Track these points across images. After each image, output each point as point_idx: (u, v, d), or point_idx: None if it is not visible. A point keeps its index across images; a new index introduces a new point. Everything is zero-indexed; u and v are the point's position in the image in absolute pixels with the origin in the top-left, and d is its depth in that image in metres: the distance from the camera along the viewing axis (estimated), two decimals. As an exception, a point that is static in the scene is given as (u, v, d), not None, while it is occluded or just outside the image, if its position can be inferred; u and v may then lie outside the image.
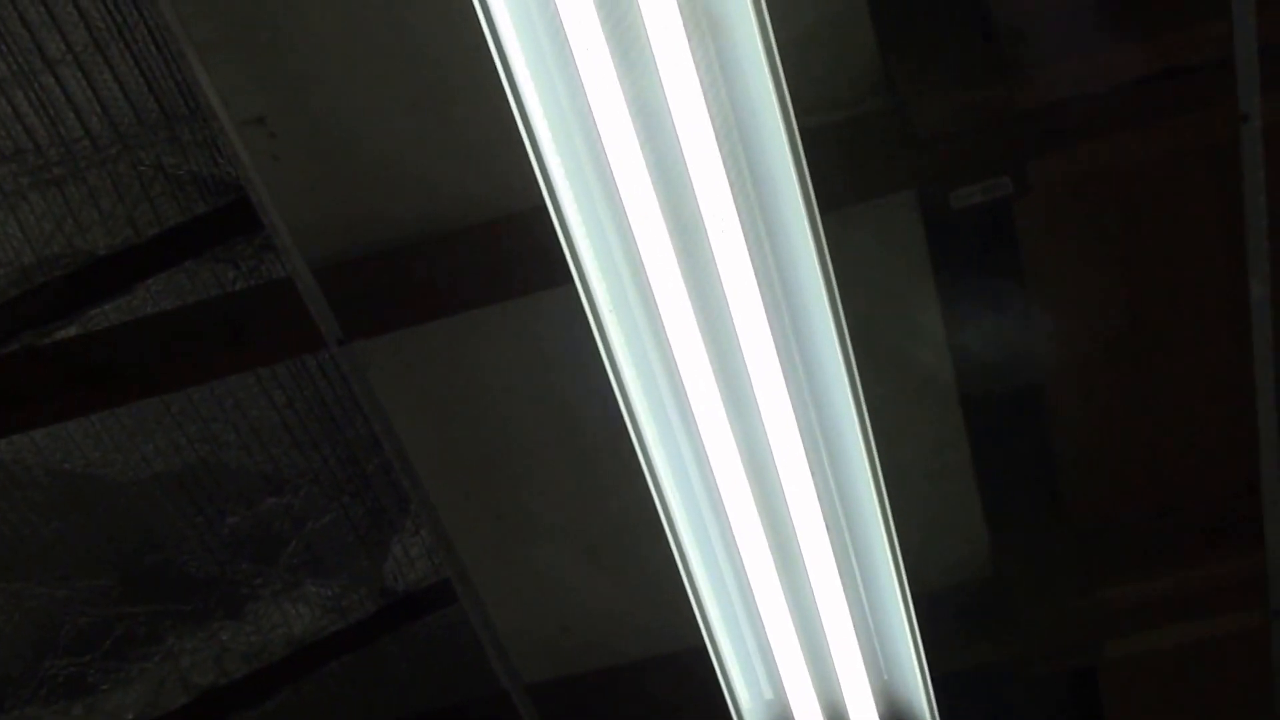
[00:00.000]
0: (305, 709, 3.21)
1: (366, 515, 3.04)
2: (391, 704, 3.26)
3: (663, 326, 1.76)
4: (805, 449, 1.87)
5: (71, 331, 2.62)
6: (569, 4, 1.54)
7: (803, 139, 1.60)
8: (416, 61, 2.33)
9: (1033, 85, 2.30)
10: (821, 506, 1.94)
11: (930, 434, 2.83)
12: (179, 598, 3.01)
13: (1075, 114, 2.31)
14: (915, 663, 2.09)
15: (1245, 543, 2.88)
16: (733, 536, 1.98)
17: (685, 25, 1.56)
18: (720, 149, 1.64)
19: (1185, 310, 2.74)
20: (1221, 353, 2.76)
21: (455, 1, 1.55)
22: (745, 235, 1.69)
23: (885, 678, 2.17)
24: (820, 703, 2.19)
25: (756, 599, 2.05)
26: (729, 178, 1.65)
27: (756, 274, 1.72)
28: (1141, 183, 2.55)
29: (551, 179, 1.64)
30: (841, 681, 2.16)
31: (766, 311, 1.74)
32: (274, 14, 2.29)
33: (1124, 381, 2.80)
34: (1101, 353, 2.73)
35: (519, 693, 2.81)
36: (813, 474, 1.90)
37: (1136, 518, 3.03)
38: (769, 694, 2.18)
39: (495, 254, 2.45)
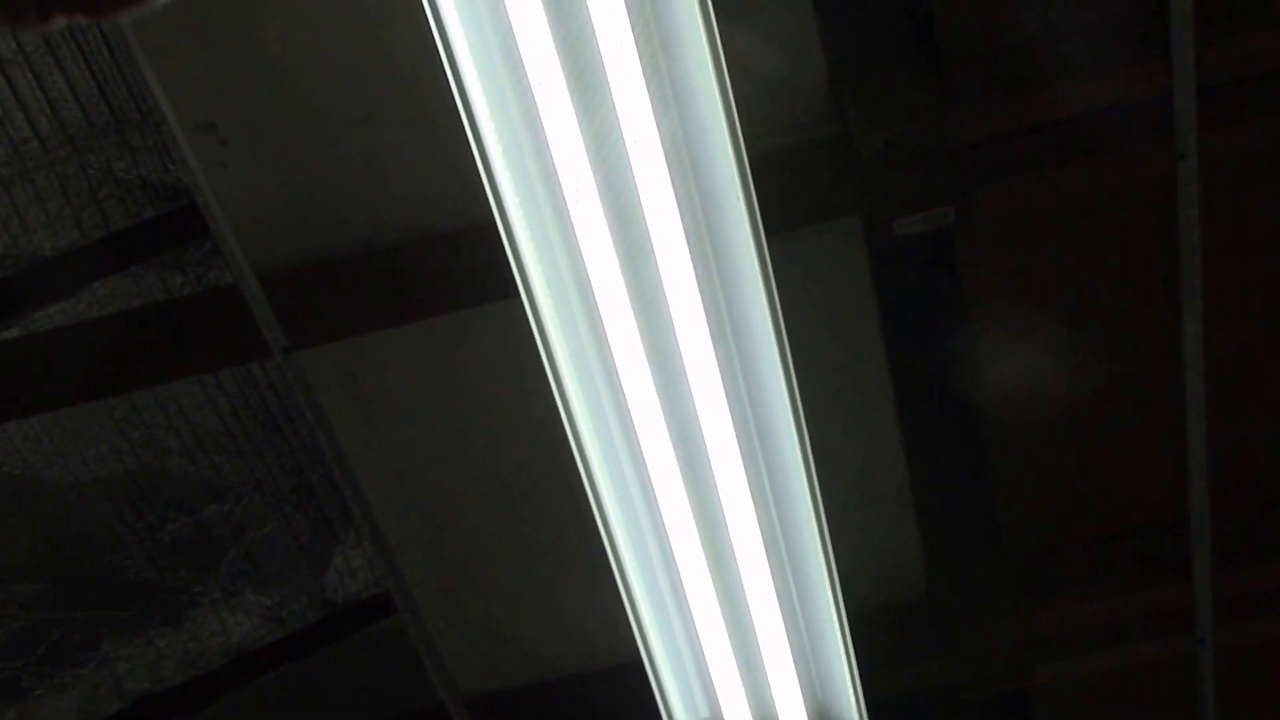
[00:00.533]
0: (242, 718, 3.18)
1: (309, 525, 3.03)
2: (329, 715, 3.24)
3: (608, 344, 1.78)
4: (745, 469, 1.89)
5: (14, 333, 2.60)
6: (524, 26, 1.56)
7: (751, 163, 1.63)
8: (371, 71, 2.34)
9: (977, 118, 2.34)
10: (760, 526, 1.96)
11: (869, 457, 2.86)
12: (116, 604, 2.98)
13: (1017, 147, 2.35)
14: (849, 683, 2.12)
15: (1174, 572, 2.93)
16: (672, 554, 1.99)
17: (638, 48, 1.58)
18: (669, 170, 1.66)
19: (1120, 342, 2.79)
20: (1155, 385, 2.80)
21: (412, 11, 1.55)
22: (692, 256, 1.71)
23: (819, 697, 2.19)
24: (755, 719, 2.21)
25: (694, 616, 2.07)
26: (677, 198, 1.67)
27: (702, 295, 1.74)
28: (1079, 216, 2.60)
29: (501, 194, 1.66)
30: (776, 700, 2.18)
31: (710, 332, 1.76)
32: (228, 20, 2.29)
33: (1060, 411, 2.84)
34: (1038, 382, 2.77)
35: (456, 705, 2.80)
36: (752, 494, 1.92)
37: (1070, 545, 3.07)
38: (705, 711, 2.19)
39: (443, 266, 2.45)
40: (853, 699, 2.13)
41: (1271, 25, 2.36)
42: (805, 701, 2.18)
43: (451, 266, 2.44)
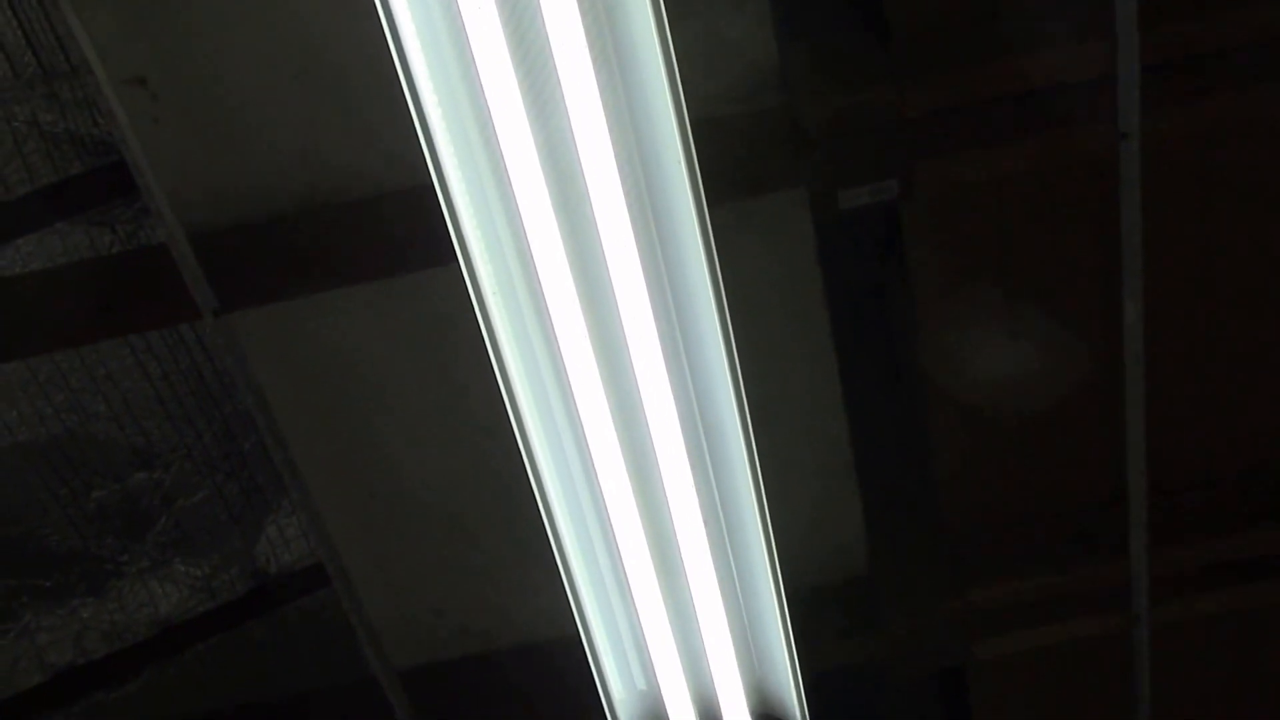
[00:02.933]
0: (168, 692, 3.14)
1: (241, 494, 2.98)
2: (259, 688, 3.20)
3: (547, 312, 1.74)
4: (686, 442, 1.87)
5: (-66, 291, 2.53)
6: (463, -21, 1.52)
7: (695, 131, 1.60)
8: (304, 30, 2.29)
9: (924, 92, 2.33)
10: (700, 501, 1.94)
11: (812, 432, 2.86)
12: (38, 572, 2.92)
13: (963, 122, 2.34)
14: (788, 659, 2.11)
15: (1110, 549, 2.95)
16: (610, 527, 1.97)
17: (581, 12, 1.54)
18: (611, 136, 1.62)
19: (1060, 321, 2.80)
20: (1094, 365, 2.82)
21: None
22: (633, 224, 1.68)
23: (758, 672, 2.18)
24: (692, 695, 2.19)
25: (632, 590, 2.05)
26: (618, 164, 1.64)
27: (643, 264, 1.70)
28: (1024, 193, 2.60)
29: (439, 157, 1.61)
30: (714, 675, 2.17)
31: (651, 303, 1.73)
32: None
33: (999, 389, 2.85)
34: (978, 359, 2.77)
35: (390, 678, 2.77)
36: (692, 468, 1.90)
37: (1007, 523, 3.09)
38: (641, 684, 2.18)
39: (379, 230, 2.41)
40: (791, 674, 2.12)
41: (1217, 5, 2.37)
42: (743, 676, 2.17)
43: (385, 230, 2.40)
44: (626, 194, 1.65)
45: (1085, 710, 3.45)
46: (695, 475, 1.91)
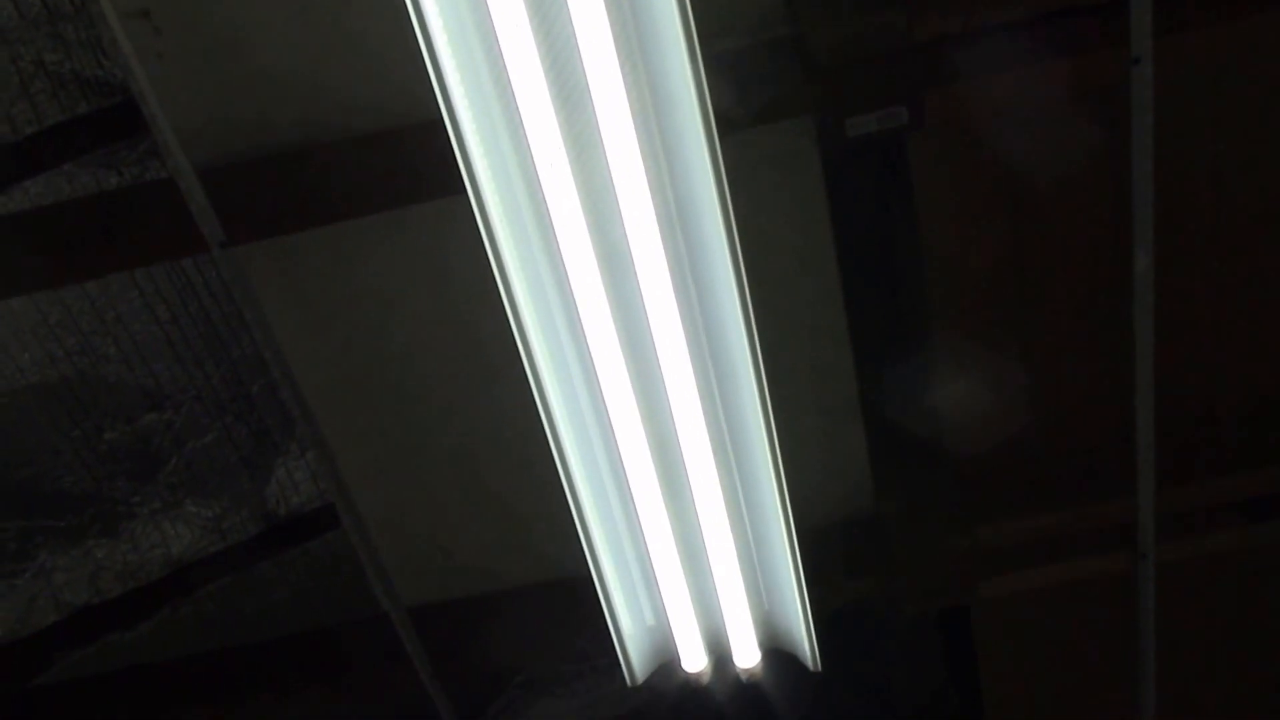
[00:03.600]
0: (181, 630, 3.16)
1: (250, 436, 2.99)
2: (270, 627, 3.23)
3: (556, 243, 1.74)
4: (696, 376, 1.87)
5: (-57, 232, 2.52)
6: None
7: (705, 61, 1.59)
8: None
9: (931, 18, 2.30)
10: (710, 436, 1.95)
11: (820, 367, 2.86)
12: (52, 513, 2.94)
13: (971, 48, 2.32)
14: (796, 594, 2.12)
15: (1117, 488, 2.95)
16: (620, 463, 1.98)
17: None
18: (622, 66, 1.62)
19: (1069, 256, 2.79)
20: (1102, 300, 2.81)
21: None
22: (643, 154, 1.67)
23: (766, 607, 2.19)
24: (701, 630, 2.21)
25: (642, 526, 2.06)
26: (629, 95, 1.63)
27: (653, 194, 1.70)
28: (1032, 120, 2.58)
29: (448, 88, 1.61)
30: (724, 610, 2.18)
31: (661, 233, 1.73)
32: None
33: (1006, 323, 2.84)
34: (986, 294, 2.76)
35: (399, 616, 2.79)
36: (702, 402, 1.90)
37: (1014, 459, 3.09)
38: (651, 620, 2.19)
39: (386, 162, 2.40)
40: (800, 610, 2.13)
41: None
42: (752, 612, 2.19)
43: (393, 162, 2.39)
44: (636, 123, 1.64)
45: (1090, 649, 3.47)
46: (705, 410, 1.91)
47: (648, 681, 2.23)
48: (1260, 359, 3.01)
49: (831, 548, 3.09)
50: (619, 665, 2.19)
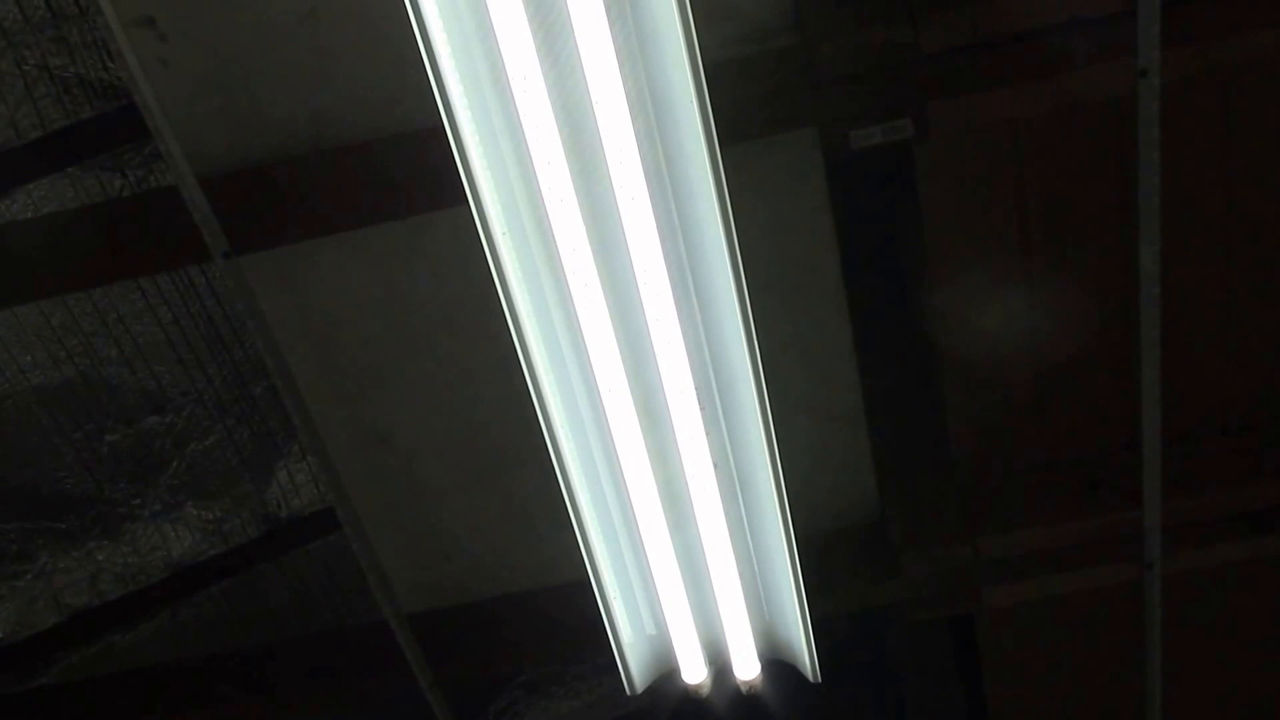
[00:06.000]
0: (181, 632, 3.16)
1: (251, 439, 2.99)
2: (270, 630, 3.23)
3: (557, 254, 1.73)
4: (696, 386, 1.86)
5: (-53, 235, 2.53)
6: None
7: (709, 72, 1.58)
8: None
9: (937, 30, 2.29)
10: (710, 445, 1.94)
11: (823, 377, 2.85)
12: (53, 515, 2.94)
13: (977, 60, 2.31)
14: (796, 604, 2.11)
15: (1122, 498, 2.95)
16: (620, 471, 1.97)
17: (594, -49, 1.53)
18: (623, 76, 1.61)
19: (1076, 266, 2.78)
20: (1109, 312, 2.80)
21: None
22: (644, 165, 1.66)
23: (767, 616, 2.18)
24: (701, 639, 2.20)
25: (642, 534, 2.05)
26: (630, 105, 1.62)
27: (654, 206, 1.69)
28: (1039, 132, 2.57)
29: (450, 99, 1.60)
30: (723, 619, 2.17)
31: (663, 245, 1.72)
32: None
33: (1012, 334, 2.83)
34: (991, 303, 2.76)
35: (399, 621, 2.79)
36: (703, 411, 1.89)
37: (1020, 469, 3.08)
38: (651, 629, 2.19)
39: (387, 173, 2.40)
40: (800, 619, 2.12)
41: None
42: (752, 620, 2.18)
43: (395, 172, 2.39)
44: (638, 135, 1.63)
45: (1095, 658, 3.46)
46: (706, 419, 1.90)
47: (648, 691, 2.23)
48: (1268, 371, 3.00)
49: (835, 556, 3.09)
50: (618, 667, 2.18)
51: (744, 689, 2.25)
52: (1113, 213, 2.65)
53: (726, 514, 2.03)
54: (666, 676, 2.23)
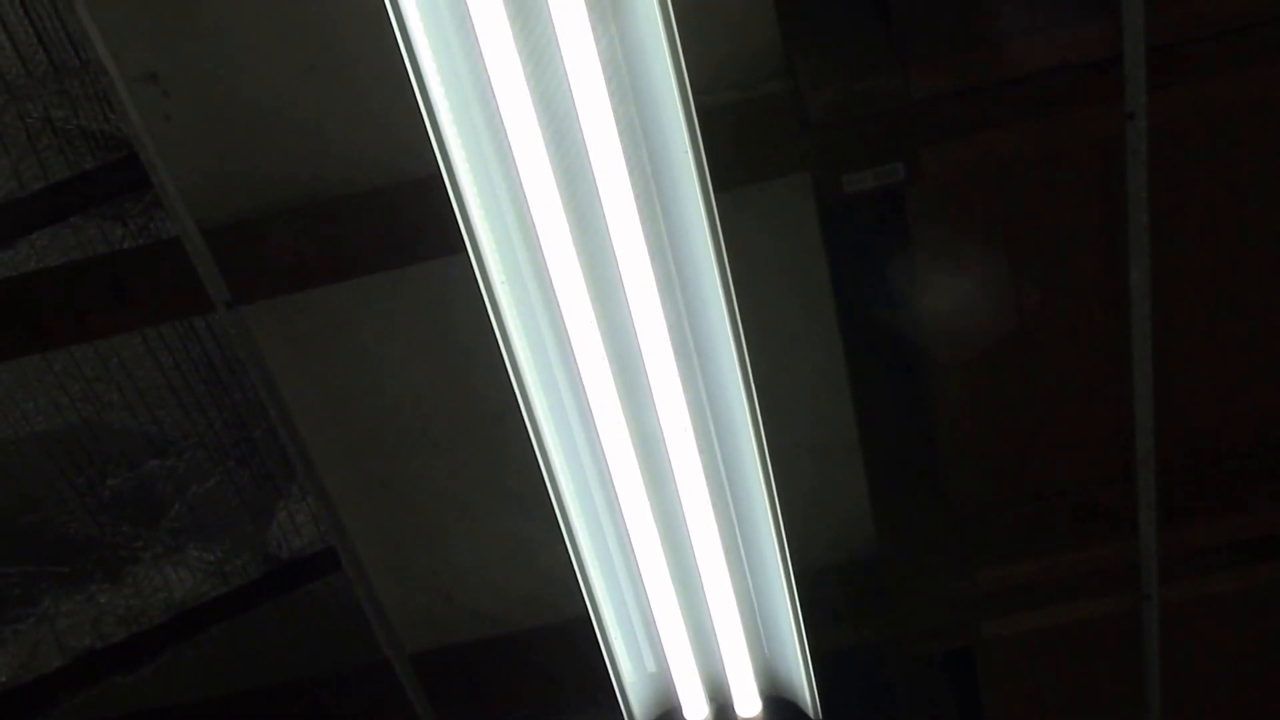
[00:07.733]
0: (184, 674, 3.17)
1: (252, 480, 3.01)
2: (272, 671, 3.23)
3: (556, 300, 1.76)
4: (694, 425, 1.88)
5: (-50, 284, 2.55)
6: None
7: (700, 119, 1.61)
8: (315, 22, 2.29)
9: (927, 74, 2.33)
10: (708, 482, 1.96)
11: (818, 413, 2.87)
12: (56, 559, 2.95)
13: (967, 104, 2.34)
14: (796, 639, 2.12)
15: (1119, 528, 2.95)
16: (619, 509, 1.99)
17: (586, 4, 1.55)
18: (618, 125, 1.64)
19: (1066, 300, 2.80)
20: (1100, 343, 2.82)
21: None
22: (640, 211, 1.69)
23: (766, 653, 2.19)
24: (702, 676, 2.21)
25: (641, 572, 2.06)
26: (625, 153, 1.65)
27: (650, 250, 1.72)
28: (1028, 175, 2.60)
29: (447, 148, 1.63)
30: (724, 656, 2.18)
31: (659, 288, 1.75)
32: (170, -33, 2.24)
33: (1006, 367, 2.85)
34: (984, 339, 2.77)
35: (402, 662, 2.79)
36: (700, 450, 1.92)
37: (1015, 501, 3.09)
38: (651, 667, 2.20)
39: (389, 220, 2.42)
40: (800, 654, 2.14)
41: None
42: (752, 656, 2.19)
43: (394, 221, 2.41)
44: (633, 181, 1.66)
45: (1094, 690, 3.46)
46: (703, 457, 1.92)
47: (649, 728, 2.24)
48: (1262, 398, 3.01)
49: (832, 591, 3.10)
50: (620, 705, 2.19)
51: (745, 727, 2.26)
52: (1103, 251, 2.67)
53: (725, 551, 2.05)
54: (668, 714, 2.24)
